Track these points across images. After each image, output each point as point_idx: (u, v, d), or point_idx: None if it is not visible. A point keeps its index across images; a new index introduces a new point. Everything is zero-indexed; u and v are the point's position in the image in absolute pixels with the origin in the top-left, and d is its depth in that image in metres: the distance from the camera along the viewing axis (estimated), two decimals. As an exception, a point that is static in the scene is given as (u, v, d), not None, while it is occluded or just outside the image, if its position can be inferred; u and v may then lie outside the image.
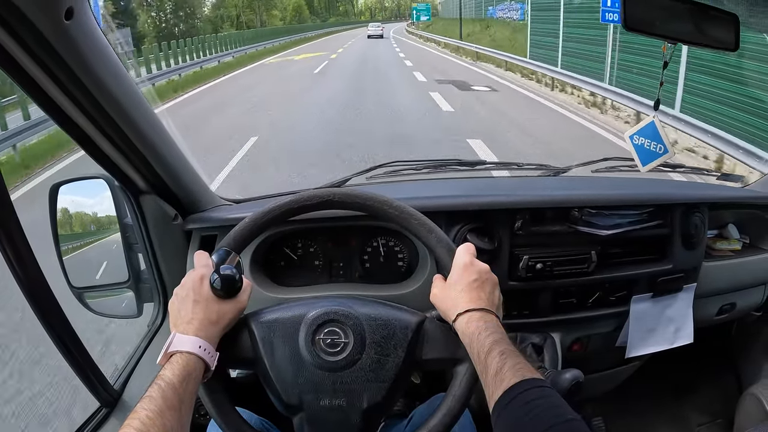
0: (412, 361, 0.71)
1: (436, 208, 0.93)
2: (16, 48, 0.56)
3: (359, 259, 1.03)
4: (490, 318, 0.67)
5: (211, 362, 0.64)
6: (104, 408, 0.88)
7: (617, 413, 1.44)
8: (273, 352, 0.70)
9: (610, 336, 1.13)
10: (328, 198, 0.77)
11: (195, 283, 0.68)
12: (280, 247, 1.02)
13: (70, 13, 0.58)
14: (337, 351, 0.69)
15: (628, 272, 1.06)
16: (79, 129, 0.72)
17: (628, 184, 1.23)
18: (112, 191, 0.92)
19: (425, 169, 1.19)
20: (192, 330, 0.64)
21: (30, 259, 0.69)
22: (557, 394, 0.58)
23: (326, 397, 0.69)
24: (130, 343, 1.06)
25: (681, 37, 0.92)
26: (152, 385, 0.58)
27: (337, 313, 0.71)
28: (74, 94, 0.66)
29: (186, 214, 0.97)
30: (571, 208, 1.01)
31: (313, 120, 7.04)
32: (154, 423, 0.54)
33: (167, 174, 0.88)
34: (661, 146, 0.97)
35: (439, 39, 21.31)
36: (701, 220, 1.10)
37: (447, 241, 0.75)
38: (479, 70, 12.42)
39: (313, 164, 4.78)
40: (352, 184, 1.11)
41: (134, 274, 0.98)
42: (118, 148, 0.78)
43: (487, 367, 0.61)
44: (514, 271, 0.98)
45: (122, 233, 0.96)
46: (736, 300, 1.25)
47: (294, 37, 27.87)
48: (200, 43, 15.54)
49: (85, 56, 0.63)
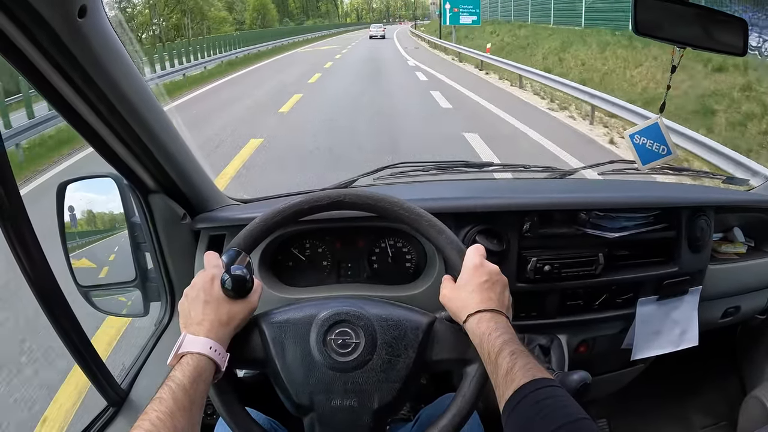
0: (423, 362, 0.71)
1: (445, 210, 0.93)
2: (28, 45, 0.56)
3: (367, 259, 1.03)
4: (500, 319, 0.67)
5: (222, 363, 0.64)
6: (111, 407, 0.88)
7: (621, 414, 1.44)
8: (284, 352, 0.70)
9: (615, 338, 1.13)
10: (339, 198, 0.77)
11: (206, 283, 0.68)
12: (288, 248, 1.02)
13: (83, 11, 0.58)
14: (348, 351, 0.69)
15: (635, 275, 1.06)
16: (89, 127, 0.72)
17: (635, 186, 1.23)
18: (120, 190, 0.92)
19: (432, 171, 1.19)
20: (203, 331, 0.64)
21: (40, 258, 0.69)
22: (567, 394, 0.58)
23: (337, 398, 0.69)
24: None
25: (690, 41, 0.92)
26: (162, 386, 0.58)
27: (348, 314, 0.71)
28: (86, 92, 0.65)
29: (194, 213, 0.97)
30: (579, 211, 1.01)
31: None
32: (165, 425, 0.54)
33: (176, 173, 0.88)
34: (664, 147, 0.98)
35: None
36: (707, 223, 1.10)
37: (457, 243, 0.75)
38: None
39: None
40: (359, 184, 1.11)
41: (141, 273, 0.98)
42: (128, 146, 0.78)
43: (498, 367, 0.61)
44: (522, 273, 0.98)
45: (130, 232, 0.96)
46: (740, 303, 1.26)
47: (240, 52, 18.49)
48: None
49: (97, 54, 0.63)
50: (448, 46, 17.62)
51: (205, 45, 17.03)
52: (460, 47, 15.66)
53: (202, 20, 33.76)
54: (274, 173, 4.90)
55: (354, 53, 20.64)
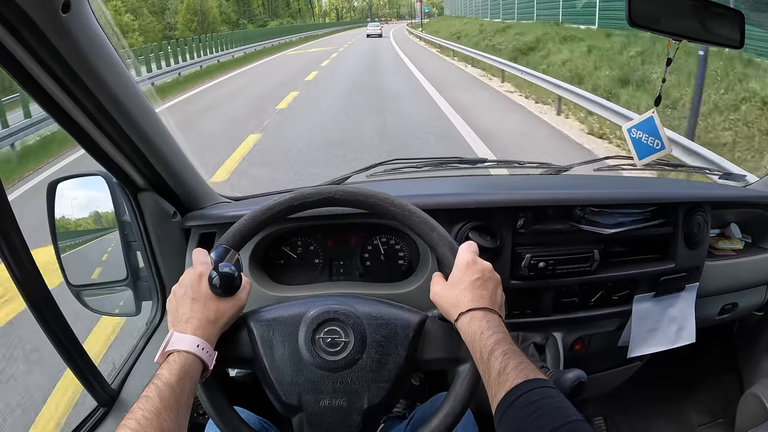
0: (414, 361, 0.70)
1: (438, 206, 0.92)
2: (12, 42, 0.55)
3: (359, 257, 1.02)
4: (492, 317, 0.66)
5: (210, 361, 0.64)
6: (102, 407, 0.88)
7: (618, 413, 1.44)
8: (272, 351, 0.69)
9: (612, 336, 1.13)
10: (329, 195, 0.76)
11: (193, 281, 0.67)
12: (279, 246, 1.01)
13: (67, 5, 0.57)
14: (337, 350, 0.68)
15: (631, 271, 1.05)
16: (76, 125, 0.71)
17: (631, 182, 1.22)
18: (110, 188, 0.91)
19: (426, 167, 1.18)
20: (190, 329, 0.63)
21: (28, 259, 0.68)
22: (561, 394, 0.57)
23: (326, 398, 0.68)
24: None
25: (686, 33, 0.92)
26: (149, 384, 0.57)
27: (337, 312, 0.70)
28: (71, 89, 0.65)
29: (185, 211, 0.96)
30: (574, 207, 1.01)
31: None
32: (151, 423, 0.53)
33: (166, 171, 0.87)
34: (659, 142, 0.97)
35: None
36: (704, 219, 1.10)
37: (449, 239, 0.74)
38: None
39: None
40: (352, 181, 1.10)
41: (132, 272, 0.97)
42: (116, 144, 0.77)
43: (490, 368, 0.60)
44: (516, 270, 0.98)
45: (120, 231, 0.95)
46: (737, 300, 1.25)
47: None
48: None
49: (82, 50, 0.62)
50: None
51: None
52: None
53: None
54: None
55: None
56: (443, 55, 16.55)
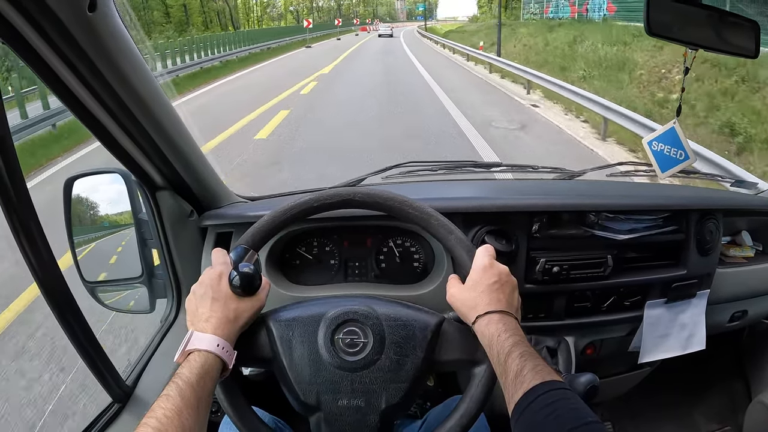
0: (431, 362, 0.70)
1: (454, 210, 0.93)
2: (37, 38, 0.56)
3: (375, 259, 1.02)
4: (509, 320, 0.67)
5: (229, 361, 0.64)
6: (116, 403, 0.88)
7: (626, 418, 1.44)
8: (291, 351, 0.69)
9: (623, 341, 1.13)
10: (349, 197, 0.76)
11: (213, 280, 0.67)
12: (295, 246, 1.01)
13: (93, 5, 0.57)
14: (356, 351, 0.69)
15: (643, 277, 1.05)
16: (98, 122, 0.72)
17: (644, 188, 1.22)
18: (128, 186, 0.92)
19: (441, 170, 1.18)
20: (210, 328, 0.64)
21: (47, 252, 0.68)
22: (577, 396, 0.57)
23: (345, 397, 0.68)
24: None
25: (702, 43, 0.92)
26: (169, 383, 0.58)
27: (357, 313, 0.70)
28: (95, 87, 0.65)
29: (202, 210, 0.96)
30: (588, 212, 1.01)
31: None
32: (172, 422, 0.53)
33: (184, 170, 0.88)
34: (682, 152, 0.96)
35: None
36: (716, 226, 1.10)
37: (467, 243, 0.75)
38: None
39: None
40: (367, 183, 1.11)
41: (148, 269, 0.97)
42: (137, 142, 0.78)
43: (507, 369, 0.61)
44: (530, 274, 0.98)
45: (137, 228, 0.96)
46: (747, 307, 1.25)
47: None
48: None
49: (107, 49, 0.62)
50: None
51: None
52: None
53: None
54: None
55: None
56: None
